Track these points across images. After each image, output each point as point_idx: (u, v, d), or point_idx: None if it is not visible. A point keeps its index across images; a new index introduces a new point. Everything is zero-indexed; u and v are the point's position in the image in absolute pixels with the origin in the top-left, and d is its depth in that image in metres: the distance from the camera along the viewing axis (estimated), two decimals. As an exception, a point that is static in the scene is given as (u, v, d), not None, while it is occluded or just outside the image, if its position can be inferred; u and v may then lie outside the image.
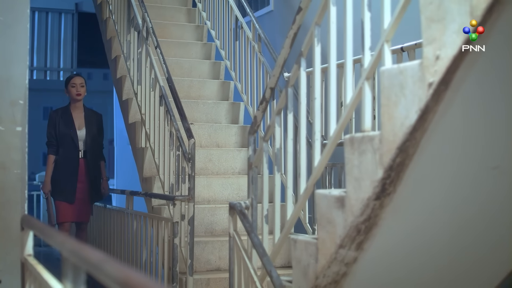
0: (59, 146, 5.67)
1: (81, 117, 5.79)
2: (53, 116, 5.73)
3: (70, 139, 5.68)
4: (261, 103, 3.49)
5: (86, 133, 5.74)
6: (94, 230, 6.87)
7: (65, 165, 5.65)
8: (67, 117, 5.73)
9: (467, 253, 2.97)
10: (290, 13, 7.67)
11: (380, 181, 2.49)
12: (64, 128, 5.69)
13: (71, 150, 5.68)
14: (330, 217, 2.77)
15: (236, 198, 5.39)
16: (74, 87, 5.72)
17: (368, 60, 2.64)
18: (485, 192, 2.70)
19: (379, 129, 2.51)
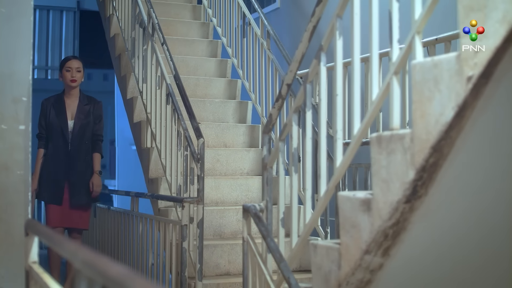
0: (48, 139, 5.09)
1: (75, 105, 5.16)
2: (44, 104, 5.12)
3: (60, 131, 5.07)
4: (276, 100, 3.32)
5: (74, 124, 5.09)
6: (96, 233, 6.69)
7: (53, 160, 5.06)
8: (59, 106, 5.11)
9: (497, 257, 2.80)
10: (297, 10, 7.53)
11: (411, 183, 2.32)
12: (54, 118, 5.07)
13: (59, 144, 5.06)
14: (354, 221, 2.60)
15: (245, 200, 5.22)
16: (69, 71, 5.10)
17: (397, 54, 2.47)
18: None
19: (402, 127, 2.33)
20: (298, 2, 7.48)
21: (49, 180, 5.01)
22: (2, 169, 2.87)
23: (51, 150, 5.04)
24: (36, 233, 2.30)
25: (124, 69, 6.22)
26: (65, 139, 5.04)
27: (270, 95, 5.63)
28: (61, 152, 5.04)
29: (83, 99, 5.19)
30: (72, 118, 5.07)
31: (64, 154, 5.05)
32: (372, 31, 2.59)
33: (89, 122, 5.11)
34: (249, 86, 5.97)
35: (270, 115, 3.39)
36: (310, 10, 7.09)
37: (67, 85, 5.11)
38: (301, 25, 7.20)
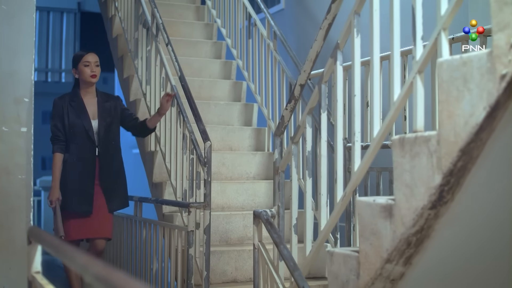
0: (68, 141, 4.43)
1: (94, 104, 4.57)
2: (60, 104, 4.48)
3: (84, 132, 4.45)
4: (289, 102, 3.19)
5: (99, 124, 4.51)
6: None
7: (79, 165, 4.43)
8: (78, 105, 4.49)
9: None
10: (302, 11, 7.41)
11: (438, 188, 2.19)
12: (76, 119, 4.45)
13: (86, 147, 4.45)
14: (374, 228, 2.46)
15: (251, 205, 5.08)
16: (87, 66, 4.48)
17: (420, 52, 2.34)
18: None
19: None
20: (303, 3, 7.36)
21: (75, 188, 4.39)
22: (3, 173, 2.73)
23: (76, 155, 4.43)
24: (39, 241, 2.16)
25: (127, 70, 6.09)
26: (91, 142, 4.46)
27: (277, 97, 5.50)
28: (88, 156, 4.46)
29: (102, 96, 4.64)
30: (94, 117, 4.52)
31: (92, 158, 4.46)
32: (394, 28, 2.46)
33: (113, 121, 4.58)
34: (255, 88, 5.84)
35: (282, 117, 3.26)
36: (315, 11, 7.00)
37: (86, 82, 4.51)
38: (306, 26, 7.08)
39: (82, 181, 4.42)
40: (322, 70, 4.55)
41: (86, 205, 4.39)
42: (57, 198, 4.35)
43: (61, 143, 4.43)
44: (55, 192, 4.37)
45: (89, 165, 4.44)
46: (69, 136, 4.43)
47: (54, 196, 4.36)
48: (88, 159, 4.44)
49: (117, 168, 4.57)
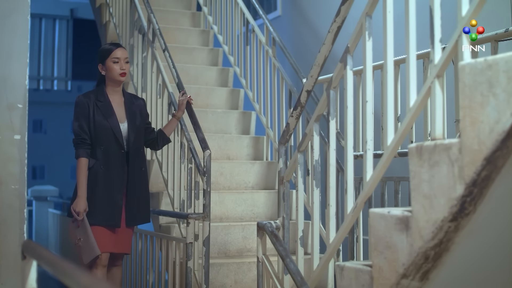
0: (94, 146, 3.89)
1: (121, 104, 4.04)
2: (85, 102, 3.91)
3: (112, 136, 3.92)
4: (295, 109, 3.06)
5: (128, 128, 3.98)
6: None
7: (108, 174, 3.88)
8: (105, 105, 3.95)
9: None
10: (299, 18, 7.30)
11: (460, 199, 2.06)
12: (103, 120, 3.91)
13: (115, 153, 3.92)
14: (389, 242, 2.33)
15: (250, 215, 4.94)
16: (117, 62, 3.97)
17: (439, 55, 2.21)
18: None
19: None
20: (300, 9, 7.25)
21: (103, 199, 3.85)
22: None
23: (103, 162, 3.89)
24: (35, 256, 2.02)
25: (122, 78, 5.94)
26: (120, 147, 3.94)
27: (276, 105, 5.38)
28: (118, 163, 3.92)
29: (129, 97, 4.15)
30: (122, 120, 3.98)
31: (121, 166, 3.93)
32: (409, 30, 2.33)
33: (141, 125, 4.09)
34: (253, 96, 5.71)
35: (287, 125, 3.13)
36: (312, 18, 6.89)
37: (114, 80, 4.00)
38: (303, 33, 6.96)
39: (111, 192, 3.87)
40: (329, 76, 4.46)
41: (115, 219, 3.85)
42: (84, 209, 3.75)
43: (86, 147, 3.87)
44: (82, 202, 3.76)
45: (119, 174, 3.91)
46: (94, 139, 3.89)
47: (82, 206, 3.75)
48: (117, 167, 3.91)
49: (144, 178, 4.07)
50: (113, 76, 3.98)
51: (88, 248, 3.68)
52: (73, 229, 3.76)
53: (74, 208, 3.74)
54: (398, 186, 4.00)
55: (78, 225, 3.72)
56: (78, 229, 3.73)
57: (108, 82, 4.02)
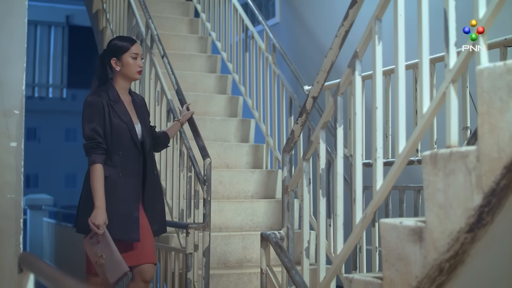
0: (110, 151, 3.47)
1: (130, 103, 3.66)
2: (99, 102, 3.47)
3: (130, 140, 3.53)
4: (300, 115, 2.97)
5: (142, 130, 3.62)
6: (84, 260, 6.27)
7: (125, 182, 3.49)
8: (119, 105, 3.55)
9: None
10: (298, 25, 7.22)
11: (477, 209, 1.97)
12: (121, 122, 3.51)
13: (132, 158, 3.54)
14: (402, 253, 2.24)
15: (250, 225, 4.85)
16: (135, 58, 3.60)
17: (454, 59, 2.13)
18: None
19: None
20: (298, 16, 7.18)
21: (123, 210, 3.46)
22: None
23: (120, 168, 3.48)
24: (32, 269, 1.92)
25: (119, 84, 5.85)
26: (138, 152, 3.57)
27: (276, 112, 5.29)
28: (136, 170, 3.56)
29: (135, 95, 3.77)
30: (135, 122, 3.62)
31: (139, 173, 3.58)
32: (422, 33, 2.25)
33: (149, 125, 3.78)
34: (252, 103, 5.62)
35: (292, 132, 3.04)
36: (311, 25, 6.81)
37: (129, 77, 3.62)
38: (302, 40, 6.89)
39: (127, 202, 3.49)
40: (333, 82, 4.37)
41: (133, 232, 3.45)
42: (104, 221, 3.32)
43: (101, 152, 3.43)
44: (102, 214, 3.32)
45: (137, 182, 3.55)
46: (111, 144, 3.48)
47: (102, 219, 3.31)
48: (135, 174, 3.55)
49: (158, 182, 3.74)
50: (129, 72, 3.59)
51: (114, 265, 3.31)
52: (91, 246, 3.35)
53: (93, 221, 3.29)
54: (403, 195, 3.91)
55: (98, 241, 3.32)
56: (98, 245, 3.32)
57: (119, 79, 3.61)
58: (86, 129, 3.44)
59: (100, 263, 3.32)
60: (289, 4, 7.37)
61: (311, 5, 6.91)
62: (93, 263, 3.37)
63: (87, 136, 3.44)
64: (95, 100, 3.47)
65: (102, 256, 3.31)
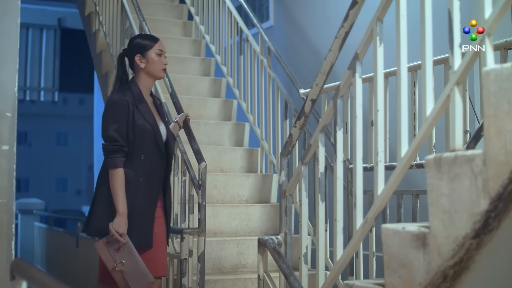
0: (132, 153, 3.28)
1: (152, 104, 3.49)
2: (125, 101, 3.28)
3: (154, 142, 3.37)
4: (298, 119, 2.92)
5: (167, 132, 3.50)
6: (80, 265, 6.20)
7: (147, 187, 3.32)
8: (144, 106, 3.37)
9: None
10: (292, 28, 7.17)
11: (484, 215, 1.92)
12: (146, 124, 3.34)
13: (155, 162, 3.38)
14: (404, 260, 2.19)
15: (245, 230, 4.79)
16: (160, 55, 3.46)
17: (459, 60, 2.08)
18: None
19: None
20: (292, 20, 7.13)
21: (143, 216, 3.29)
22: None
23: (141, 172, 3.32)
24: (25, 277, 1.85)
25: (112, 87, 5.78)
26: (161, 154, 3.41)
27: (271, 116, 5.24)
28: (157, 174, 3.40)
29: (155, 97, 3.60)
30: (159, 123, 3.45)
31: (160, 178, 3.43)
32: (426, 34, 2.20)
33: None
34: (247, 107, 5.56)
35: (290, 135, 2.98)
36: (305, 28, 6.77)
37: (153, 75, 3.46)
38: (296, 44, 6.84)
39: (145, 208, 3.32)
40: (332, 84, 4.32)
41: (147, 238, 3.29)
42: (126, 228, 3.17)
43: (123, 155, 3.25)
44: (125, 221, 3.17)
45: (158, 186, 3.40)
46: (134, 147, 3.30)
47: (125, 226, 3.16)
48: (156, 178, 3.39)
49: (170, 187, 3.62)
50: (154, 70, 3.43)
51: (138, 274, 3.15)
52: (107, 252, 3.17)
53: (116, 230, 3.13)
54: (400, 200, 3.86)
55: (119, 248, 3.14)
56: (118, 252, 3.15)
57: (143, 77, 3.44)
58: (109, 129, 3.24)
59: (120, 269, 3.15)
60: (283, 8, 7.33)
61: (305, 9, 6.87)
62: (110, 269, 3.18)
63: (110, 137, 3.24)
64: (120, 99, 3.28)
65: (122, 263, 3.14)
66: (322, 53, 6.27)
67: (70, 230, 7.41)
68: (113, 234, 3.13)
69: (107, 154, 3.25)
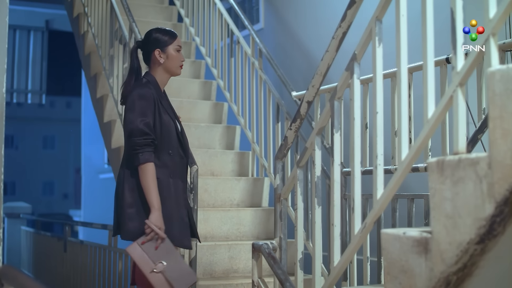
0: (159, 149, 3.16)
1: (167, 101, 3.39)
2: (151, 95, 3.17)
3: (177, 139, 3.26)
4: (294, 121, 2.85)
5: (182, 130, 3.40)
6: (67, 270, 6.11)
7: (174, 184, 3.19)
8: (165, 101, 3.31)
9: None
10: (282, 31, 7.11)
11: (489, 219, 1.86)
12: (170, 120, 3.24)
13: (179, 159, 3.26)
14: (405, 266, 2.13)
15: (236, 234, 4.72)
16: (179, 51, 3.35)
17: (462, 61, 2.02)
18: None
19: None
20: (283, 22, 7.08)
21: (173, 215, 3.15)
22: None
23: (172, 170, 3.19)
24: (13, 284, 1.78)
25: (101, 90, 5.71)
26: (184, 152, 3.31)
27: (263, 119, 5.17)
28: (182, 172, 3.29)
29: (165, 93, 3.49)
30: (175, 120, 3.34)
31: (182, 174, 3.29)
32: (427, 34, 2.15)
33: None
34: (238, 110, 5.50)
35: (285, 138, 2.92)
36: (296, 31, 6.71)
37: (171, 71, 3.36)
38: (287, 46, 6.79)
39: (179, 207, 3.18)
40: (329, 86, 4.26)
41: (187, 239, 3.19)
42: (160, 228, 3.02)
43: (152, 149, 3.09)
44: (161, 216, 3.02)
45: (184, 185, 3.29)
46: (161, 142, 3.17)
47: (162, 221, 3.02)
48: (183, 177, 3.28)
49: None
50: (173, 66, 3.32)
51: (182, 273, 2.99)
52: (144, 254, 2.98)
53: (156, 224, 2.97)
54: (395, 204, 3.81)
55: (156, 247, 2.98)
56: (155, 252, 2.97)
57: (160, 73, 3.33)
58: (139, 122, 3.07)
59: (160, 270, 2.96)
60: (274, 10, 7.27)
61: (295, 11, 6.82)
62: (147, 272, 2.97)
63: (141, 130, 3.06)
64: (147, 92, 3.15)
65: (162, 264, 2.96)
66: (312, 55, 6.22)
67: (57, 234, 7.32)
68: (151, 231, 2.97)
69: (139, 148, 3.06)
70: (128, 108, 3.14)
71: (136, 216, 3.05)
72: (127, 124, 3.11)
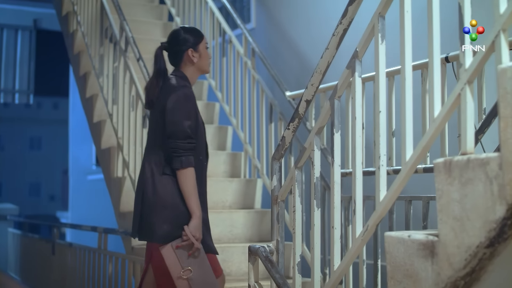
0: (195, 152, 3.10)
1: None
2: (194, 97, 3.11)
3: (204, 142, 3.21)
4: (292, 120, 2.78)
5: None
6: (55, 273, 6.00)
7: (200, 189, 3.14)
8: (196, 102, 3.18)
9: None
10: (274, 30, 7.04)
11: (500, 222, 1.79)
12: (202, 122, 3.19)
13: (203, 164, 3.21)
14: (410, 270, 2.06)
15: (229, 237, 4.63)
16: (207, 49, 3.27)
17: (470, 58, 1.95)
18: None
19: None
20: (274, 22, 7.00)
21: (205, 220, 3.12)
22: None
23: (198, 174, 3.10)
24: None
25: (90, 89, 5.61)
26: (206, 156, 3.26)
27: (255, 119, 5.09)
28: (204, 177, 3.25)
29: None
30: None
31: (203, 178, 3.24)
32: (433, 30, 2.08)
33: None
34: (230, 110, 5.41)
35: (283, 138, 2.84)
36: (288, 30, 6.64)
37: (202, 70, 3.25)
38: (278, 46, 6.72)
39: (206, 213, 3.14)
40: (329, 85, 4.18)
41: (213, 243, 3.18)
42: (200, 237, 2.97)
43: (193, 154, 3.03)
44: (201, 225, 2.98)
45: (205, 190, 3.25)
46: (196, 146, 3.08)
47: (201, 231, 2.98)
48: (204, 182, 3.24)
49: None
50: (205, 64, 3.21)
51: (206, 283, 2.95)
52: (176, 257, 2.93)
53: (193, 234, 2.92)
54: (393, 206, 3.73)
55: (189, 254, 2.92)
56: (188, 258, 2.92)
57: (192, 73, 3.20)
58: (185, 125, 2.98)
59: (187, 277, 2.91)
60: (265, 10, 7.20)
61: (286, 10, 6.75)
62: (176, 276, 2.91)
63: (186, 133, 2.99)
64: (192, 94, 3.06)
65: (190, 270, 2.91)
66: (304, 55, 6.15)
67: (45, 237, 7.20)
68: (187, 239, 2.90)
69: (183, 151, 2.98)
70: (173, 107, 3.00)
71: (169, 219, 2.97)
72: (171, 124, 3.00)
